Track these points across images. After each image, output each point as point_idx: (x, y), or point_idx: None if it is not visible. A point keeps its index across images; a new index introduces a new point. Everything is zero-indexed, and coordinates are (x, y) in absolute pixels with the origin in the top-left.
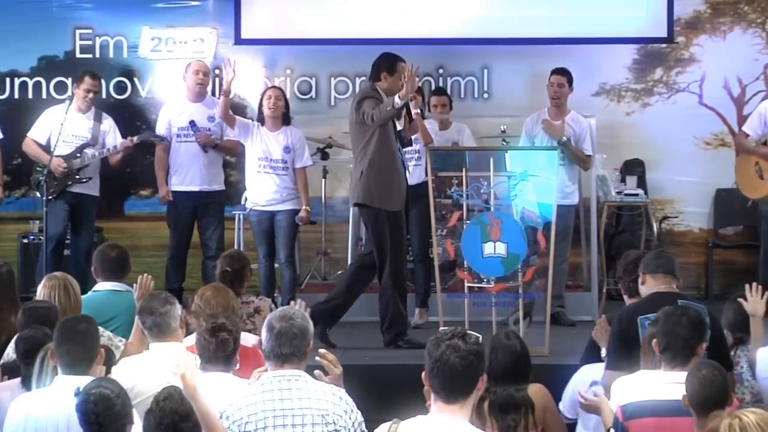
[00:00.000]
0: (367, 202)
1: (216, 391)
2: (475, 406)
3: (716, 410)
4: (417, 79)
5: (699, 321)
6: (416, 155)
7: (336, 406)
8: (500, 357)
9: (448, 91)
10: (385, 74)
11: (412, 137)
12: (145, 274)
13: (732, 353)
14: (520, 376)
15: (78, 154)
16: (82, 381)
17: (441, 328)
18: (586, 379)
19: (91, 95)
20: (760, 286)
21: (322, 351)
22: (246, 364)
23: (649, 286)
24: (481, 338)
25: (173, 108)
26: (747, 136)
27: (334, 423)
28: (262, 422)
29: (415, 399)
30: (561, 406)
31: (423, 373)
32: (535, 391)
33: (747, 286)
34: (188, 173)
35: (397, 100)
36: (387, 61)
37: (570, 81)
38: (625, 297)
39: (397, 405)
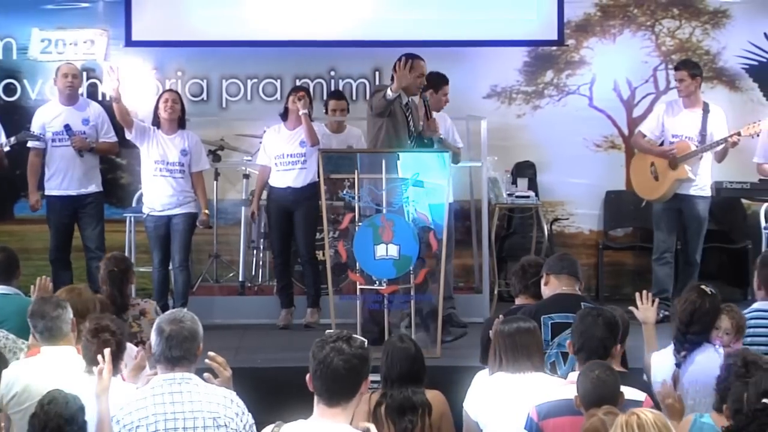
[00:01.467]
0: None
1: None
2: (370, 411)
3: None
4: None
5: (614, 322)
6: (302, 158)
7: (227, 408)
8: (395, 360)
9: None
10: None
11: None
12: (44, 277)
13: None
14: (415, 378)
15: None
16: None
17: (327, 331)
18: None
19: None
20: (649, 294)
21: (211, 354)
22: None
23: (552, 286)
24: (366, 343)
25: (47, 112)
26: (644, 136)
27: (226, 426)
28: (153, 426)
29: (306, 401)
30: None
31: (308, 376)
32: (433, 396)
33: (637, 294)
34: (65, 178)
35: (389, 92)
36: (403, 60)
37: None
38: (516, 299)
39: (287, 407)
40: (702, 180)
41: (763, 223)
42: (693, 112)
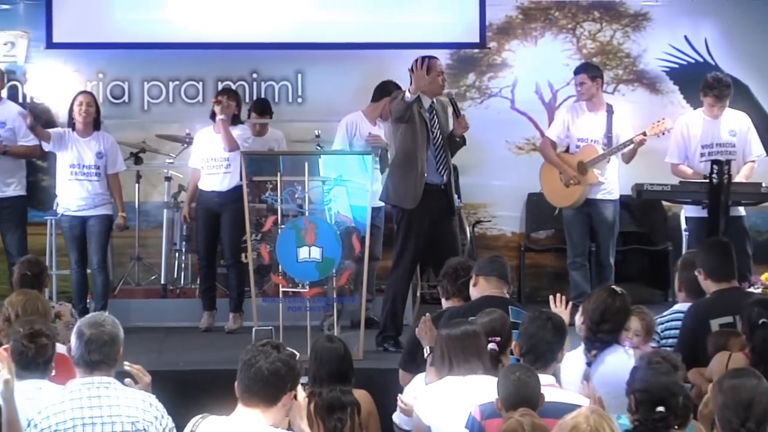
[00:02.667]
0: (384, 199)
1: (34, 399)
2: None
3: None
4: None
5: (562, 327)
6: (227, 162)
7: (146, 412)
8: (324, 360)
9: (262, 95)
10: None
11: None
12: None
13: None
14: (344, 377)
15: None
16: None
17: (255, 328)
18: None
19: None
20: (563, 297)
21: (127, 364)
22: (59, 371)
23: (480, 288)
24: (298, 356)
25: None
26: (552, 142)
27: (145, 430)
28: (72, 430)
29: (228, 405)
30: (395, 417)
31: (236, 381)
32: (361, 396)
33: (551, 297)
34: None
35: (407, 95)
36: (420, 64)
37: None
38: (443, 300)
39: (209, 411)
40: (610, 183)
41: (683, 225)
42: (597, 115)
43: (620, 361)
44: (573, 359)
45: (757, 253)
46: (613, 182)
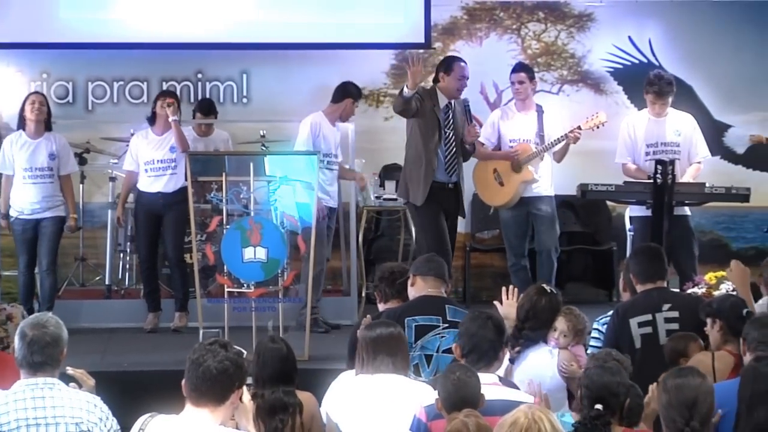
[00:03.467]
0: (402, 196)
1: None
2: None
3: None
4: (448, 76)
5: (502, 326)
6: (172, 164)
7: (91, 413)
8: (267, 360)
9: (207, 95)
10: (442, 74)
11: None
12: None
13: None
14: (287, 378)
15: None
16: None
17: (202, 330)
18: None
19: None
20: (516, 290)
21: (70, 367)
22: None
23: (418, 288)
24: (245, 354)
25: None
26: (483, 145)
27: (89, 431)
28: (15, 431)
29: (173, 405)
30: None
31: (183, 380)
32: (304, 398)
33: (503, 288)
34: None
35: (405, 90)
36: (444, 63)
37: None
38: (380, 304)
39: (155, 411)
40: (544, 181)
41: (627, 225)
42: (527, 115)
43: (542, 360)
44: None
45: (701, 253)
46: (547, 180)
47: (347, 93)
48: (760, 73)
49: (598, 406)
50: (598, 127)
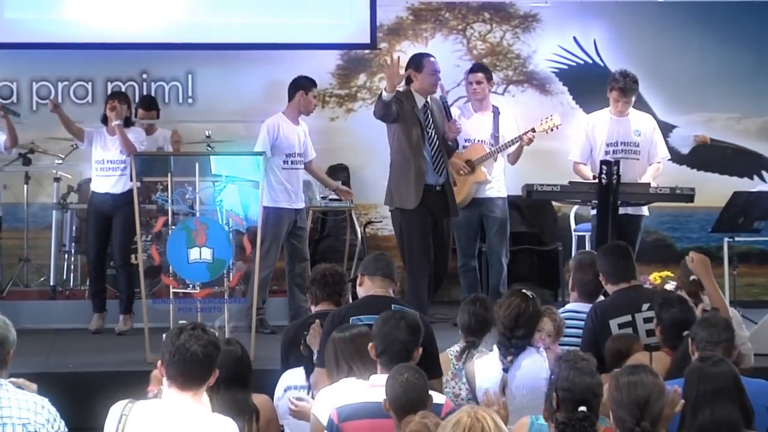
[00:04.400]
0: (388, 203)
1: None
2: None
3: (413, 413)
4: (400, 71)
5: (416, 325)
6: (122, 165)
7: (38, 414)
8: (221, 363)
9: (152, 95)
10: (414, 73)
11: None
12: None
13: (464, 355)
14: (242, 381)
15: None
16: None
17: (181, 322)
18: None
19: None
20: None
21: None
22: None
23: (366, 288)
24: (217, 333)
25: None
26: None
27: None
28: None
29: None
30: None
31: (159, 362)
32: (261, 401)
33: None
34: None
35: (384, 94)
36: (413, 61)
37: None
38: (312, 306)
39: (101, 412)
40: (497, 182)
41: (573, 225)
42: (484, 116)
43: (536, 364)
44: (488, 365)
45: (646, 253)
46: (500, 181)
47: (297, 86)
48: (704, 73)
49: (582, 408)
50: (552, 130)
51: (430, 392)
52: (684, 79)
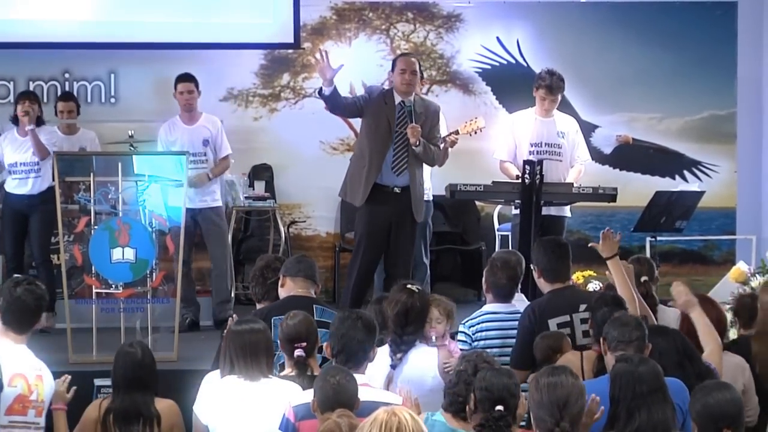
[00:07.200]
0: (341, 195)
1: None
2: (99, 418)
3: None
4: (324, 65)
5: (372, 326)
6: (36, 167)
7: None
8: (119, 365)
9: (75, 93)
10: (390, 73)
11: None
12: None
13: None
14: (143, 385)
15: None
16: None
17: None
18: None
19: None
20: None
21: None
22: None
23: (288, 288)
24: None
25: None
26: None
27: None
28: None
29: None
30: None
31: None
32: (166, 406)
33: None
34: None
35: (323, 89)
36: (393, 62)
37: (197, 86)
38: (258, 304)
39: None
40: (420, 187)
41: (496, 225)
42: None
43: (424, 357)
44: (377, 361)
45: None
46: (425, 183)
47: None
48: (626, 73)
49: (499, 408)
50: (476, 132)
51: (380, 392)
52: (606, 79)
